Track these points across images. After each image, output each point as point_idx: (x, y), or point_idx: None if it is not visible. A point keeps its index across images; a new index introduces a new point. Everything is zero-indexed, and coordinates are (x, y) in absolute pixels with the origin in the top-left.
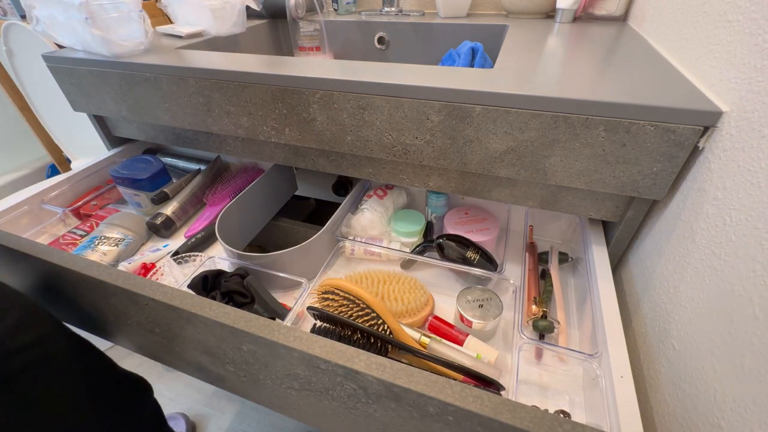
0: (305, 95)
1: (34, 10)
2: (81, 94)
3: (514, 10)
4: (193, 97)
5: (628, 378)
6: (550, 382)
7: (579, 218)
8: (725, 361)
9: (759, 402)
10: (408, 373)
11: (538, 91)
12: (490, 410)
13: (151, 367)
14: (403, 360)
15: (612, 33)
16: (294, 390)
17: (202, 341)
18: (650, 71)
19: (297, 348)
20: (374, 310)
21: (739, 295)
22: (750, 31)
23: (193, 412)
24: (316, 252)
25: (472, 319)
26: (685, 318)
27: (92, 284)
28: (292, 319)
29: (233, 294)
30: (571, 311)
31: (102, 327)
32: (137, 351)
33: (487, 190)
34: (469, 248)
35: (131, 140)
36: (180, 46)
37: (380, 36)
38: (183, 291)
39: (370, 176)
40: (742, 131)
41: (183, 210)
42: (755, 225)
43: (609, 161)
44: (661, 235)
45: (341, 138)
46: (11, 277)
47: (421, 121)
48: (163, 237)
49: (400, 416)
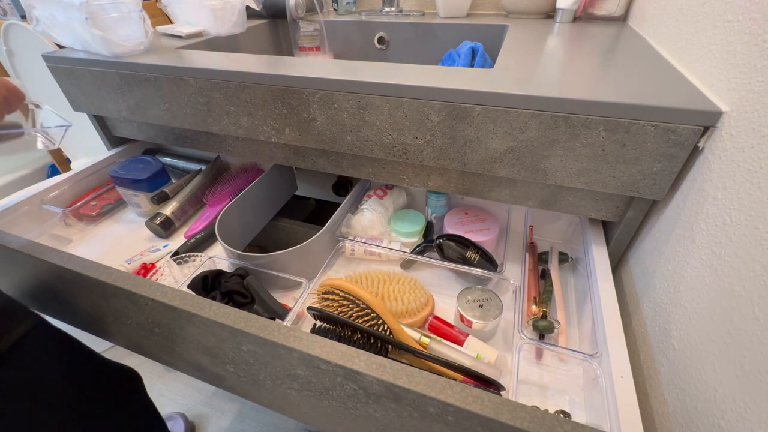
0: (305, 95)
1: (34, 10)
2: (81, 94)
3: (514, 10)
4: (193, 97)
5: (628, 378)
6: (551, 382)
7: (579, 218)
8: (725, 361)
9: (759, 402)
10: (408, 373)
11: (538, 91)
12: (490, 410)
13: (151, 367)
14: (403, 360)
15: (612, 33)
16: (294, 390)
17: (202, 341)
18: (650, 71)
19: (297, 348)
20: (374, 311)
21: (739, 295)
22: (750, 31)
23: (193, 412)
24: (316, 252)
25: (472, 319)
26: (685, 318)
27: (92, 285)
28: (292, 319)
29: (233, 294)
30: (571, 311)
31: (102, 327)
32: (137, 351)
33: (487, 190)
34: (469, 248)
35: (131, 140)
36: (180, 46)
37: (380, 36)
38: (183, 291)
39: (370, 176)
40: (742, 131)
41: (182, 210)
42: (755, 225)
43: (609, 161)
44: (661, 235)
45: (341, 138)
46: (10, 278)
47: (421, 121)
48: (162, 237)
49: (400, 416)
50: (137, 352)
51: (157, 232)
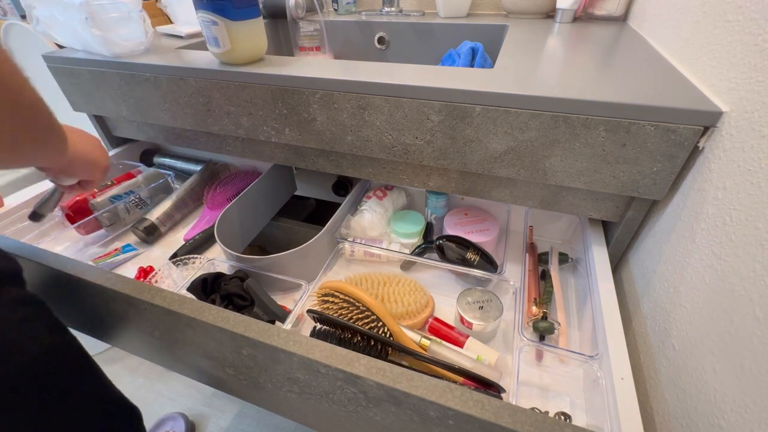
0: (305, 95)
1: (34, 10)
2: (81, 94)
3: (514, 10)
4: (193, 97)
5: (628, 379)
6: (551, 384)
7: (579, 218)
8: (725, 361)
9: (759, 402)
10: (408, 377)
11: (538, 91)
12: (490, 414)
13: (151, 367)
14: (403, 362)
15: (612, 33)
16: (294, 393)
17: (202, 345)
18: (650, 71)
19: (296, 352)
20: (374, 313)
21: (739, 295)
22: (750, 31)
23: (193, 412)
24: (316, 254)
25: (473, 320)
26: (685, 318)
27: (91, 288)
28: (291, 321)
29: (233, 297)
30: (572, 312)
31: (102, 330)
32: (137, 354)
33: (487, 190)
34: (469, 249)
35: (131, 140)
36: (180, 46)
37: (380, 36)
38: (182, 295)
39: (370, 176)
40: (742, 131)
41: (168, 216)
42: (755, 225)
43: (609, 161)
44: (661, 235)
45: (341, 138)
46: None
47: (421, 121)
48: (148, 243)
49: (400, 420)
50: (137, 355)
51: (142, 238)
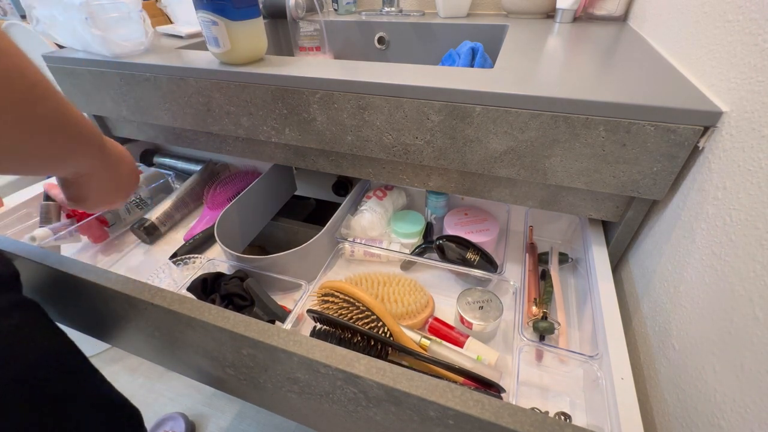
0: (305, 95)
1: (34, 10)
2: (81, 94)
3: (514, 10)
4: (193, 97)
5: (628, 379)
6: (551, 384)
7: (579, 218)
8: (725, 361)
9: (759, 402)
10: (408, 377)
11: (538, 91)
12: (490, 414)
13: (151, 367)
14: (403, 362)
15: (612, 33)
16: (294, 393)
17: (202, 345)
18: (650, 71)
19: (296, 352)
20: (374, 313)
21: (739, 295)
22: (750, 31)
23: (193, 411)
24: (316, 254)
25: (473, 320)
26: (685, 318)
27: (91, 288)
28: (292, 321)
29: (233, 297)
30: (572, 312)
31: (102, 330)
32: (137, 354)
33: (487, 190)
34: (469, 249)
35: (131, 140)
36: (180, 46)
37: (380, 36)
38: (182, 295)
39: (370, 176)
40: (742, 131)
41: (168, 216)
42: (755, 225)
43: (609, 161)
44: (661, 235)
45: (341, 138)
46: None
47: (421, 121)
48: (148, 243)
49: (400, 420)
50: (138, 354)
51: (142, 238)
